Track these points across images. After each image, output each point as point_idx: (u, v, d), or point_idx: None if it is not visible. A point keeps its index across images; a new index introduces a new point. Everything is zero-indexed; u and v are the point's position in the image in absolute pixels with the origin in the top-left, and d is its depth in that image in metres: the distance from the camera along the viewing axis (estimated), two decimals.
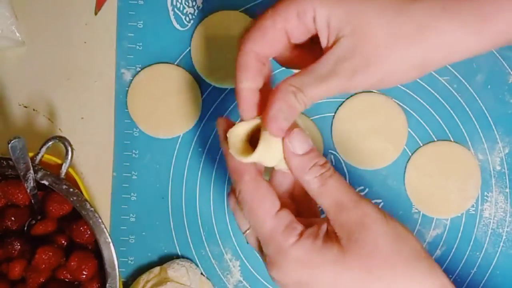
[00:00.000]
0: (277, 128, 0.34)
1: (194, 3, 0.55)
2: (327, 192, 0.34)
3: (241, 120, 0.36)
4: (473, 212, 0.54)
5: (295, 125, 0.35)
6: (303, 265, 0.33)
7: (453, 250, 0.54)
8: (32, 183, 0.46)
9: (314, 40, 0.35)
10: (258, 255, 0.41)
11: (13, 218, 0.48)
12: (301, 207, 0.39)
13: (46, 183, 0.46)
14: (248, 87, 0.35)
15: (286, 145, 0.34)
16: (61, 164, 0.47)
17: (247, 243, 0.39)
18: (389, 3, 0.33)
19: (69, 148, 0.46)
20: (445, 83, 0.54)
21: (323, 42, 0.34)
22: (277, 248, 0.34)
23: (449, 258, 0.54)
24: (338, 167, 0.54)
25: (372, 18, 0.33)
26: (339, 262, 0.32)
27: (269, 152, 0.35)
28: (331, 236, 0.33)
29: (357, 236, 0.32)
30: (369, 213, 0.33)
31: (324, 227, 0.34)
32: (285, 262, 0.34)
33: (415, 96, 0.54)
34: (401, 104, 0.54)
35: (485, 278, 0.54)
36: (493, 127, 0.54)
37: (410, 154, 0.54)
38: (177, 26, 0.55)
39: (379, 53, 0.33)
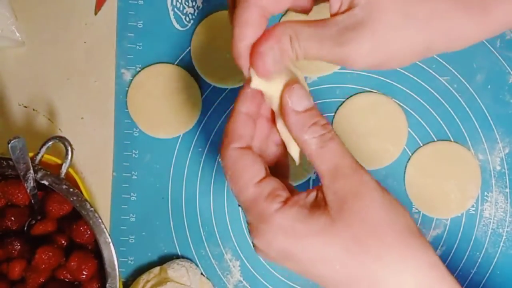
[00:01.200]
0: (263, 67, 0.31)
1: (194, 3, 0.55)
2: (325, 155, 0.32)
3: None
4: (473, 212, 0.54)
5: (295, 80, 0.33)
6: (287, 234, 0.31)
7: (453, 250, 0.54)
8: (32, 183, 0.46)
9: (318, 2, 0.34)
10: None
11: (13, 218, 0.48)
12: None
13: (46, 183, 0.46)
14: (248, 44, 0.32)
15: (285, 100, 0.32)
16: (61, 164, 0.47)
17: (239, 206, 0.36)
18: None
19: (69, 148, 0.46)
20: (445, 83, 0.54)
21: (334, 7, 0.32)
22: (260, 215, 0.32)
23: (449, 258, 0.54)
24: None
25: None
26: (326, 232, 0.30)
27: (272, 88, 0.33)
28: (320, 205, 0.31)
29: (350, 205, 0.30)
30: (366, 182, 0.31)
31: (313, 194, 0.32)
32: (268, 230, 0.31)
33: (415, 96, 0.54)
34: (401, 104, 0.54)
35: (485, 278, 0.54)
36: (493, 127, 0.54)
37: (410, 154, 0.54)
38: (177, 26, 0.55)
39: (388, 31, 0.31)
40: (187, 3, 0.55)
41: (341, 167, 0.31)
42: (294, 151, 0.35)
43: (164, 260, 0.54)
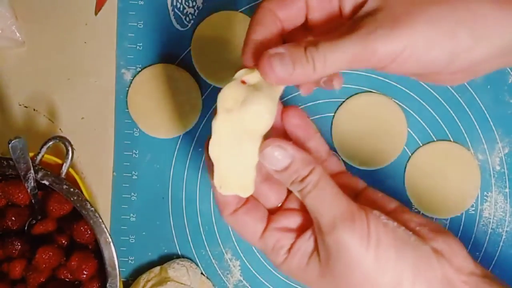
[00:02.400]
0: (269, 69, 0.30)
1: (194, 3, 0.55)
2: (308, 208, 0.32)
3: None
4: (473, 212, 0.54)
5: (276, 133, 0.33)
6: (294, 277, 0.33)
7: None
8: (32, 183, 0.46)
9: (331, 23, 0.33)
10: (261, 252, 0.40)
11: (13, 218, 0.48)
12: None
13: (47, 183, 0.46)
14: (258, 37, 0.32)
15: (261, 163, 0.32)
16: (62, 164, 0.47)
17: None
18: None
19: (70, 148, 0.46)
20: None
21: (346, 8, 0.32)
22: (272, 261, 0.34)
23: None
24: None
25: None
26: (319, 283, 0.32)
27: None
28: (315, 251, 0.32)
29: (333, 263, 0.30)
30: (344, 242, 0.30)
31: (312, 239, 0.32)
32: (281, 270, 0.34)
33: (415, 96, 0.54)
34: (400, 104, 0.54)
35: None
36: (493, 127, 0.54)
37: (409, 154, 0.54)
38: (177, 26, 0.55)
39: (409, 11, 0.29)
40: (187, 4, 0.55)
41: (320, 224, 0.31)
42: None
43: (165, 259, 0.54)
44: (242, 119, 0.31)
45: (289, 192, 0.35)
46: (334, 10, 0.32)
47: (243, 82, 0.32)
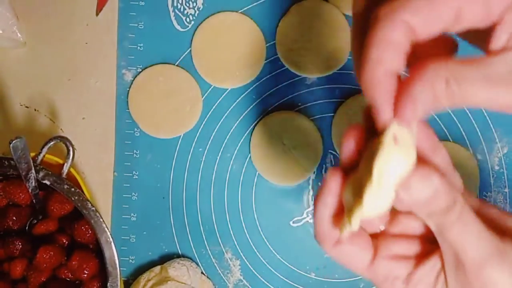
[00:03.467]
0: (410, 113, 0.24)
1: (194, 4, 0.55)
2: (446, 242, 0.27)
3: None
4: None
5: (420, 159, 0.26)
6: None
7: None
8: (33, 183, 0.46)
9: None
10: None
11: (14, 218, 0.48)
12: None
13: (48, 182, 0.46)
14: (390, 68, 0.24)
15: (401, 194, 0.26)
16: (63, 164, 0.47)
17: None
18: None
19: (71, 148, 0.46)
20: None
21: (499, 42, 0.25)
22: None
23: None
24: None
25: None
26: None
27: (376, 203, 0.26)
28: (440, 285, 0.28)
29: None
30: (494, 282, 0.26)
31: (435, 268, 0.28)
32: None
33: None
34: None
35: None
36: (492, 127, 0.54)
37: None
38: (178, 27, 0.55)
39: None
40: (187, 4, 0.55)
41: (462, 260, 0.26)
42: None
43: (165, 259, 0.55)
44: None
45: (392, 214, 0.31)
46: (488, 22, 0.25)
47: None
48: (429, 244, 0.29)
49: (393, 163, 0.25)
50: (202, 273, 0.54)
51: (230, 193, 0.55)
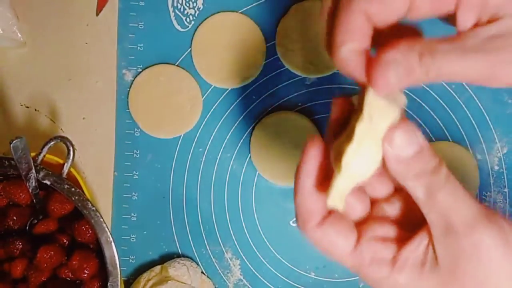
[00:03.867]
0: (382, 81, 0.26)
1: (194, 4, 0.55)
2: (434, 207, 0.27)
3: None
4: None
5: (403, 118, 0.27)
6: None
7: None
8: (34, 183, 0.46)
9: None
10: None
11: (15, 218, 0.48)
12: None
13: (48, 182, 0.46)
14: (353, 48, 0.27)
15: (385, 147, 0.27)
16: (63, 164, 0.47)
17: None
18: None
19: (71, 148, 0.47)
20: (443, 84, 0.54)
21: (467, 22, 0.27)
22: (370, 280, 0.29)
23: None
24: None
25: None
26: None
27: (362, 160, 0.27)
28: (430, 260, 0.28)
29: (463, 268, 0.26)
30: (482, 242, 0.26)
31: (422, 246, 0.28)
32: (382, 286, 0.29)
33: (414, 97, 0.54)
34: None
35: None
36: (491, 127, 0.54)
37: None
38: (178, 27, 0.55)
39: None
40: (187, 4, 0.55)
41: (452, 223, 0.27)
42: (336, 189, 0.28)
43: (165, 259, 0.55)
44: (376, 129, 0.27)
45: (373, 203, 0.32)
46: (443, 6, 0.27)
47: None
48: (412, 227, 0.29)
49: (376, 118, 0.26)
50: (202, 272, 0.55)
51: (230, 193, 0.55)
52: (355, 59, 0.27)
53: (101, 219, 0.46)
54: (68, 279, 0.48)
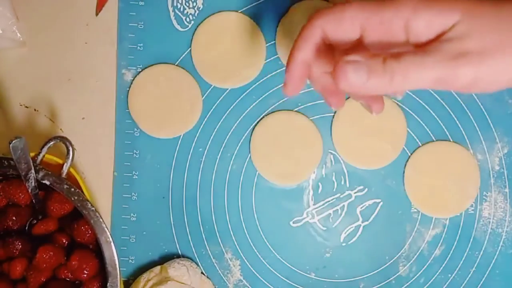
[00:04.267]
0: (343, 76, 0.31)
1: (194, 4, 0.55)
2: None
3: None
4: (472, 212, 0.54)
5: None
6: None
7: (452, 250, 0.54)
8: (33, 183, 0.46)
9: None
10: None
11: (14, 218, 0.48)
12: None
13: (47, 182, 0.46)
14: (303, 57, 0.35)
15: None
16: (62, 164, 0.47)
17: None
18: (487, 3, 0.31)
19: (70, 148, 0.46)
20: None
21: (418, 40, 0.32)
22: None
23: (448, 257, 0.54)
24: (337, 167, 0.55)
25: (480, 3, 0.31)
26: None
27: None
28: None
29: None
30: None
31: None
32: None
33: (414, 96, 0.54)
34: (400, 104, 0.54)
35: (484, 278, 0.54)
36: (492, 127, 0.54)
37: (409, 154, 0.54)
38: (178, 27, 0.55)
39: (499, 39, 0.30)
40: (187, 4, 0.55)
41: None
42: None
43: (165, 259, 0.55)
44: None
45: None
46: (393, 36, 0.32)
47: None
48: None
49: None
50: (202, 273, 0.54)
51: (230, 193, 0.55)
52: (299, 70, 0.35)
53: (101, 220, 0.45)
54: (68, 279, 0.48)
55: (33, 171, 0.46)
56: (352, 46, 0.34)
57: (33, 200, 0.47)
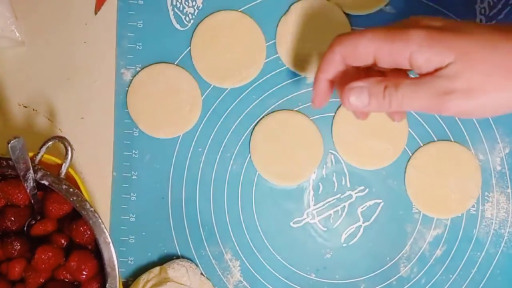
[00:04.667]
0: (346, 101, 0.38)
1: (194, 3, 0.55)
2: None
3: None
4: (474, 212, 0.54)
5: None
6: None
7: (454, 250, 0.54)
8: (31, 183, 0.46)
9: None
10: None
11: (12, 218, 0.48)
12: None
13: (46, 183, 0.46)
14: (325, 77, 0.41)
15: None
16: (61, 164, 0.47)
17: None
18: (485, 39, 0.36)
19: (69, 148, 0.46)
20: None
21: (419, 71, 0.37)
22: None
23: (449, 257, 0.54)
24: (338, 167, 0.54)
25: (474, 48, 0.35)
26: None
27: None
28: None
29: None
30: None
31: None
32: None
33: None
34: None
35: (485, 278, 0.54)
36: (493, 127, 0.54)
37: (410, 154, 0.54)
38: (177, 26, 0.55)
39: (484, 81, 0.35)
40: (187, 3, 0.55)
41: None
42: None
43: (164, 260, 0.54)
44: None
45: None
46: (399, 64, 0.38)
47: None
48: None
49: None
50: (201, 274, 0.54)
51: (230, 193, 0.55)
52: (324, 86, 0.42)
53: (100, 220, 0.45)
54: (66, 280, 0.47)
55: (31, 171, 0.45)
56: (372, 65, 0.39)
57: (32, 201, 0.47)
